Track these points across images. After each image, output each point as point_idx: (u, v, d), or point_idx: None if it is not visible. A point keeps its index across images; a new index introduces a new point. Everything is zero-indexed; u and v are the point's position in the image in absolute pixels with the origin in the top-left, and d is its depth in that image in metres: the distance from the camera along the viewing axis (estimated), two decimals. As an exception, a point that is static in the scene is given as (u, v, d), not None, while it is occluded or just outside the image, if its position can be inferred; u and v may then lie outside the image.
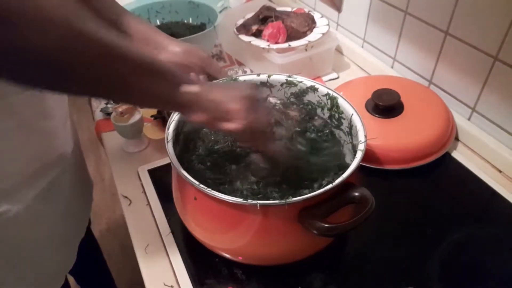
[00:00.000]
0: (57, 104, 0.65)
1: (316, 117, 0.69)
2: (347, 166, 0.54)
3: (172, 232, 0.66)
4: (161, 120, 0.84)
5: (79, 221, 0.80)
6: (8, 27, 0.31)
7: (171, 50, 0.68)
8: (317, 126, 0.67)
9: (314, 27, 0.98)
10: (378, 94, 0.80)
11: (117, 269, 1.36)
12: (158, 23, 1.10)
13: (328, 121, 0.67)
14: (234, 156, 0.62)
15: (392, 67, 0.98)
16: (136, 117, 0.78)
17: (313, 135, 0.66)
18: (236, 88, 0.54)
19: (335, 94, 0.65)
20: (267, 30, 0.95)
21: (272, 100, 0.70)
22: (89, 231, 1.04)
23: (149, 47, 0.68)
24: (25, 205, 0.62)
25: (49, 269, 0.73)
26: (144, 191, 0.73)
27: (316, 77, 1.00)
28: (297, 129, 0.66)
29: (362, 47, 1.06)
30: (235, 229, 0.54)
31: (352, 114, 0.61)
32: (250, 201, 0.49)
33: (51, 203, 0.67)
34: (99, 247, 1.17)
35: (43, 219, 0.66)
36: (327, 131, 0.67)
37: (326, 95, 0.66)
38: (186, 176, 0.52)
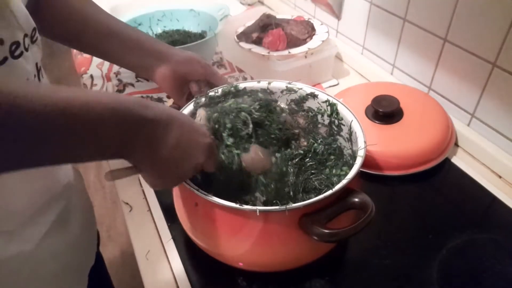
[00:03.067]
0: None
1: (320, 125, 0.69)
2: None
3: (173, 238, 0.66)
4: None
5: (89, 247, 0.77)
6: None
7: (172, 60, 0.68)
8: (324, 135, 0.67)
9: (314, 34, 0.99)
10: (378, 100, 0.80)
11: (118, 276, 1.36)
12: (160, 31, 1.12)
13: (328, 127, 0.68)
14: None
15: (391, 73, 0.99)
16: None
17: (320, 147, 0.63)
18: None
19: (334, 101, 0.65)
20: (267, 38, 0.95)
21: (282, 105, 0.70)
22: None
23: (150, 57, 0.69)
24: (36, 243, 0.59)
25: None
26: (145, 197, 0.74)
27: (316, 84, 1.01)
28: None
29: (362, 54, 1.07)
30: (235, 235, 0.54)
31: (352, 121, 0.62)
32: (249, 206, 0.49)
33: (61, 236, 0.64)
34: (103, 265, 1.16)
35: (56, 254, 0.63)
36: (335, 146, 0.64)
37: (326, 101, 0.67)
38: (186, 182, 0.52)
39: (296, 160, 0.60)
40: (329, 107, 0.66)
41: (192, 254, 0.63)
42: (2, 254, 0.55)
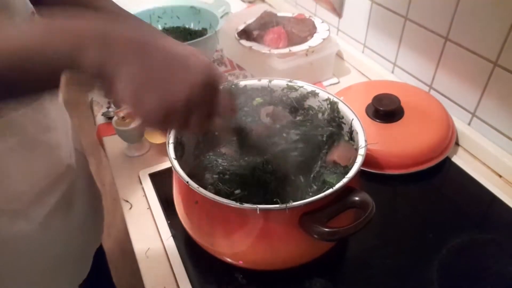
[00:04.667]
0: (59, 115, 0.64)
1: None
2: None
3: (173, 236, 0.66)
4: (162, 124, 0.84)
5: (94, 232, 0.78)
6: None
7: None
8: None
9: (315, 32, 0.99)
10: (379, 99, 0.80)
11: (118, 273, 1.36)
12: (160, 28, 1.11)
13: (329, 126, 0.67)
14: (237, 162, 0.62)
15: (392, 72, 0.99)
16: (138, 121, 0.78)
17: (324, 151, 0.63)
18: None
19: (335, 99, 0.65)
20: (268, 36, 0.95)
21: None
22: None
23: None
24: (39, 222, 0.60)
25: (64, 282, 0.71)
26: (145, 195, 0.74)
27: (317, 82, 1.00)
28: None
29: (363, 52, 1.07)
30: (235, 234, 0.54)
31: (353, 119, 0.62)
32: (250, 205, 0.49)
33: (65, 218, 0.66)
34: (103, 251, 1.17)
35: (59, 235, 0.65)
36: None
37: (326, 100, 0.66)
38: (187, 180, 0.52)
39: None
40: (329, 106, 0.66)
41: (192, 252, 0.63)
42: (7, 233, 0.57)
